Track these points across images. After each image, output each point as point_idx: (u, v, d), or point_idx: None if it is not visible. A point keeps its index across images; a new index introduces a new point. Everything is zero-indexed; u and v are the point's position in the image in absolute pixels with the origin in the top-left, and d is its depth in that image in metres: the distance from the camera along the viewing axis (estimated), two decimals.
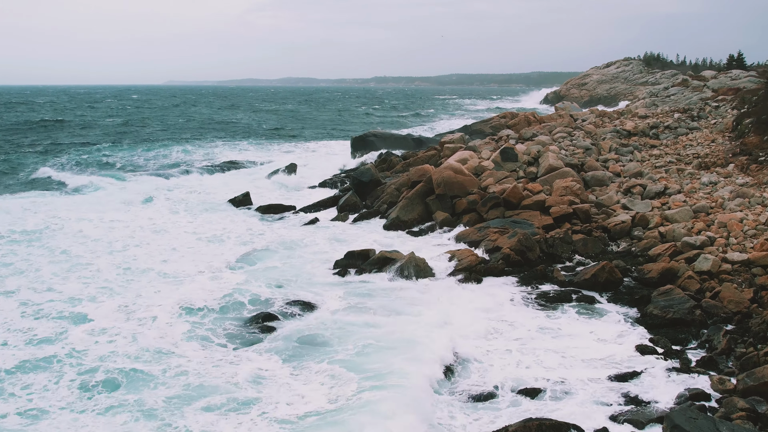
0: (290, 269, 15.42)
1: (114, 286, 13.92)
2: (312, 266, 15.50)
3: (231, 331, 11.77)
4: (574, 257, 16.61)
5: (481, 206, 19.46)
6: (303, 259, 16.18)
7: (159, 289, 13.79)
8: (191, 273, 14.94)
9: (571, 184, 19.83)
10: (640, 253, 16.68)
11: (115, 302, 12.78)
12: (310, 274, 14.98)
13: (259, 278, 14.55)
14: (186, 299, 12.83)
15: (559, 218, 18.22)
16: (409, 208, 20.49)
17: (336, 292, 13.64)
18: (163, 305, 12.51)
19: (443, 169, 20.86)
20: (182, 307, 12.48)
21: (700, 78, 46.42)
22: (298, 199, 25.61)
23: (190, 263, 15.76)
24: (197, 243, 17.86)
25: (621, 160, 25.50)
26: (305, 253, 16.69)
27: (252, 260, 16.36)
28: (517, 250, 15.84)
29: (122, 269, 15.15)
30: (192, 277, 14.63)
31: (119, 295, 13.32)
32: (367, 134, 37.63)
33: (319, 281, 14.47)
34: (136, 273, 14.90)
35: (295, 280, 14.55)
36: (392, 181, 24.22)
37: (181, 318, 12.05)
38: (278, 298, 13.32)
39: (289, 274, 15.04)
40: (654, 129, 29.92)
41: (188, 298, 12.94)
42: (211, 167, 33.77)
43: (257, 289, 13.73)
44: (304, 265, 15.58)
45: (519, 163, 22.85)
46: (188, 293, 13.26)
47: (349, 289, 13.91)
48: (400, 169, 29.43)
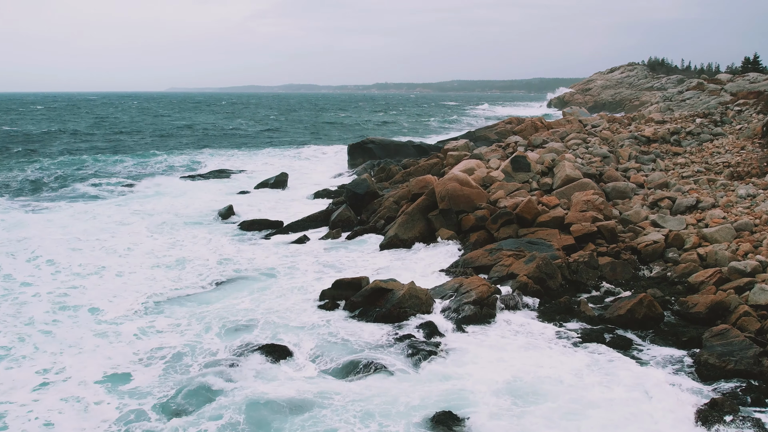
0: (262, 304, 12.82)
1: (34, 335, 11.24)
2: (291, 299, 13.03)
3: (165, 398, 9.17)
4: (601, 285, 14.22)
5: (491, 223, 17.09)
6: (281, 289, 13.68)
7: (86, 346, 10.94)
8: (128, 314, 12.39)
9: (592, 197, 17.47)
10: (678, 280, 14.30)
11: (28, 367, 10.09)
12: (287, 311, 12.38)
13: (216, 319, 11.94)
14: (114, 362, 10.29)
15: (582, 238, 15.85)
16: (409, 224, 18.13)
17: (314, 339, 11.13)
18: (87, 370, 9.95)
19: (447, 181, 18.51)
20: (106, 376, 9.85)
21: (716, 81, 44.12)
22: (288, 212, 23.29)
23: (132, 299, 13.18)
24: (153, 271, 15.15)
25: (643, 169, 23.15)
26: (286, 282, 14.22)
27: (212, 295, 13.63)
28: (536, 278, 13.46)
29: (53, 307, 12.51)
30: (129, 319, 12.06)
31: (39, 351, 10.66)
32: (365, 141, 35.32)
33: (297, 321, 11.88)
34: (69, 315, 12.29)
35: (265, 320, 11.94)
36: (390, 193, 21.87)
37: (111, 391, 9.39)
38: (236, 346, 10.77)
39: (259, 310, 12.43)
40: (675, 135, 27.57)
41: (117, 359, 10.40)
42: (197, 176, 31.45)
43: (208, 340, 11.09)
44: (281, 299, 13.05)
45: (532, 173, 20.49)
46: (119, 351, 10.71)
47: (333, 331, 11.46)
48: (400, 179, 27.11)
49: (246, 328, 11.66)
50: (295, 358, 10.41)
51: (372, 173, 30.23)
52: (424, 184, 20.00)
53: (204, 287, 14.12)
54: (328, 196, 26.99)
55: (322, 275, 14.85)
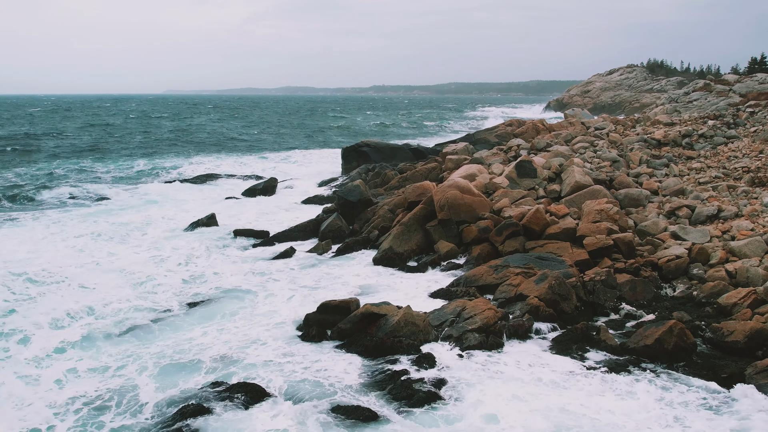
0: (225, 334, 10.95)
1: None
2: (265, 327, 11.30)
3: None
4: (620, 306, 12.65)
5: (495, 235, 15.53)
6: (256, 314, 11.93)
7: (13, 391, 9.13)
8: (64, 345, 10.61)
9: (606, 206, 15.92)
10: (706, 300, 12.76)
11: None
12: (256, 344, 10.55)
13: (160, 357, 10.03)
14: (33, 417, 8.44)
15: (596, 252, 14.29)
16: (405, 236, 16.55)
17: (285, 380, 9.32)
18: None
19: (447, 188, 16.94)
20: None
21: (723, 82, 42.67)
22: (276, 220, 21.72)
23: (76, 326, 11.39)
24: (114, 292, 13.12)
25: (656, 175, 21.63)
26: (263, 305, 12.54)
27: (171, 322, 11.66)
28: (549, 300, 11.89)
29: None
30: (57, 356, 10.28)
31: None
32: (360, 144, 33.76)
33: (267, 356, 10.05)
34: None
35: (225, 356, 10.04)
36: (385, 201, 20.29)
37: None
38: (174, 395, 8.87)
39: (218, 343, 10.48)
40: (687, 138, 26.07)
41: (28, 414, 8.55)
42: (183, 181, 29.83)
43: (143, 385, 9.14)
44: (253, 326, 11.27)
45: (538, 179, 18.94)
46: (34, 401, 8.88)
47: (313, 367, 9.77)
48: (396, 184, 25.56)
49: (195, 368, 9.77)
50: (253, 413, 8.43)
51: (366, 178, 28.68)
52: (421, 192, 18.44)
53: (166, 311, 12.33)
54: (320, 202, 25.44)
55: (307, 296, 13.22)
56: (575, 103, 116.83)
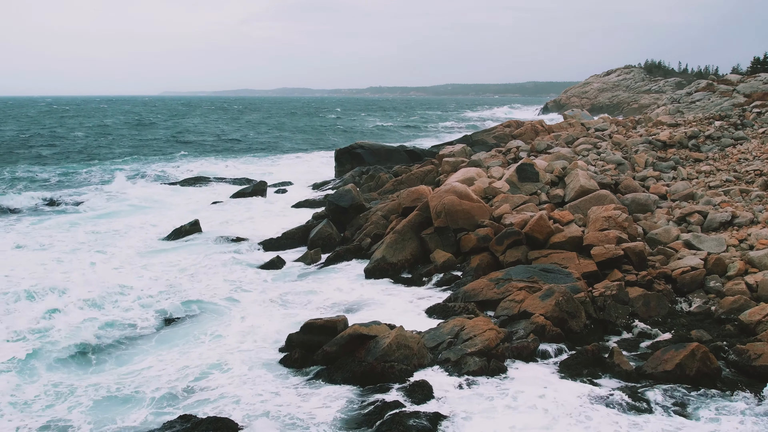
0: (194, 362, 9.73)
1: None
2: (244, 350, 10.24)
3: None
4: (633, 324, 11.59)
5: (495, 244, 14.45)
6: (231, 336, 10.79)
7: None
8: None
9: (614, 213, 14.86)
10: (726, 317, 11.71)
11: None
12: (232, 370, 9.39)
13: (95, 398, 8.61)
14: None
15: (605, 263, 13.22)
16: (399, 245, 15.46)
17: (261, 422, 8.04)
18: None
19: (444, 194, 15.87)
20: None
21: (726, 82, 41.74)
22: (264, 226, 20.61)
23: (17, 348, 9.99)
24: (77, 312, 11.68)
25: (663, 178, 20.61)
26: (239, 324, 11.36)
27: (134, 347, 10.44)
28: (556, 319, 10.82)
29: None
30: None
31: None
32: (353, 146, 32.67)
33: (244, 386, 8.89)
34: None
35: (194, 386, 8.87)
36: (379, 206, 19.21)
37: None
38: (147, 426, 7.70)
39: (183, 373, 9.23)
40: (693, 139, 25.05)
41: None
42: (170, 184, 28.69)
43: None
44: (226, 352, 10.14)
45: (540, 183, 17.88)
46: None
47: (294, 403, 8.62)
48: (391, 188, 24.47)
49: (150, 400, 8.42)
50: None
51: (360, 181, 27.60)
52: (416, 197, 17.38)
53: (131, 329, 11.18)
54: (311, 206, 24.34)
55: (291, 312, 12.12)
56: (573, 104, 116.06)
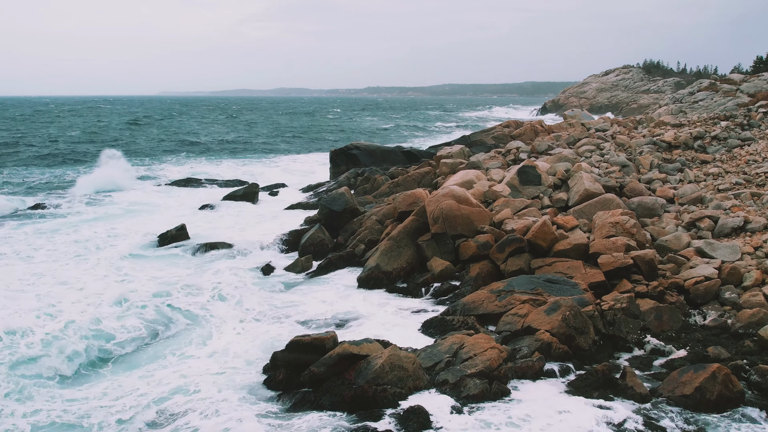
0: (163, 386, 8.79)
1: None
2: (222, 371, 9.40)
3: None
4: (645, 339, 10.78)
5: (496, 252, 13.63)
6: (208, 356, 9.94)
7: None
8: None
9: (621, 218, 14.04)
10: (744, 331, 10.91)
11: None
12: (205, 396, 8.50)
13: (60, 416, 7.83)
14: None
15: (613, 273, 12.40)
16: (394, 252, 14.63)
17: None
18: None
19: (442, 197, 15.04)
20: None
21: (729, 81, 41.03)
22: (255, 230, 19.76)
23: None
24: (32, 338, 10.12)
25: (669, 181, 19.82)
26: (219, 341, 10.53)
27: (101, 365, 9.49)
28: (563, 336, 10.00)
29: None
30: None
31: None
32: (349, 147, 31.82)
33: (220, 415, 7.97)
34: None
35: (155, 423, 7.98)
36: (374, 210, 18.39)
37: None
38: None
39: (146, 406, 8.30)
40: (699, 140, 24.26)
41: None
42: (160, 186, 27.82)
43: None
44: (203, 373, 9.29)
45: (543, 186, 17.07)
46: None
47: None
48: (387, 191, 23.66)
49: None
50: None
51: (355, 183, 26.78)
52: (413, 201, 16.55)
53: (105, 344, 10.35)
54: (304, 209, 23.50)
55: (277, 327, 11.29)
56: (571, 104, 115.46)
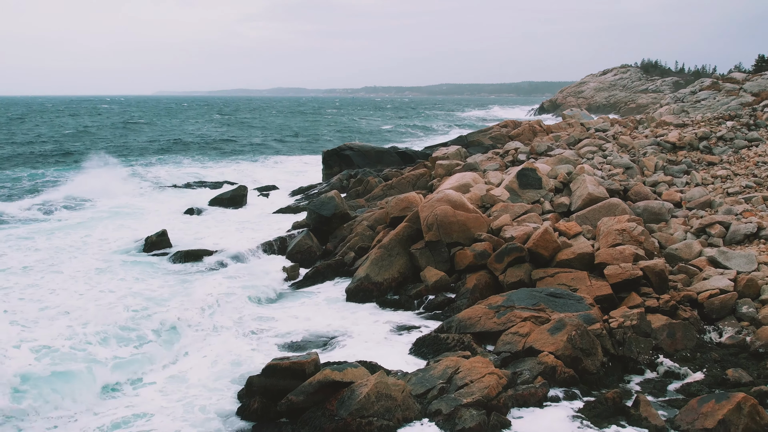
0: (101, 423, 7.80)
1: None
2: (195, 398, 8.40)
3: None
4: (657, 360, 9.85)
5: (494, 261, 12.69)
6: (181, 380, 9.00)
7: None
8: None
9: (627, 225, 13.12)
10: (765, 351, 10.00)
11: None
12: None
13: None
14: None
15: (621, 285, 11.47)
16: (386, 261, 13.68)
17: None
18: None
19: (437, 203, 14.10)
20: None
21: (731, 80, 40.20)
22: (241, 236, 18.82)
23: None
24: None
25: (675, 183, 18.92)
26: (189, 361, 9.58)
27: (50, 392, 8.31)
28: (568, 358, 9.07)
29: None
30: None
31: None
32: (342, 147, 30.88)
33: None
34: None
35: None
36: (365, 215, 17.44)
37: None
38: None
39: None
40: (704, 141, 23.37)
41: None
42: (147, 189, 26.81)
43: None
44: (173, 401, 8.36)
45: (543, 190, 16.13)
46: None
47: None
48: (380, 194, 22.73)
49: None
50: None
51: (347, 186, 25.83)
52: (406, 205, 15.62)
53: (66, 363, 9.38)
54: (294, 213, 22.55)
55: (255, 346, 10.33)
56: (569, 104, 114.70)
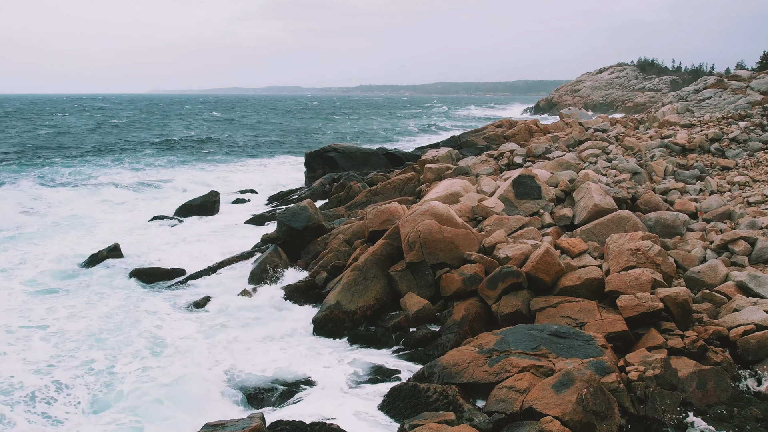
0: None
1: None
2: None
3: None
4: (687, 420, 7.95)
5: (486, 288, 10.77)
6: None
7: None
8: None
9: (642, 244, 11.22)
10: None
11: None
12: None
13: None
14: None
15: (638, 320, 9.56)
16: (360, 286, 11.73)
17: None
18: None
19: (420, 217, 12.16)
20: None
21: (737, 78, 38.44)
22: (208, 249, 16.90)
23: None
24: None
25: (688, 191, 17.04)
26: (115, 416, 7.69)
27: None
28: (578, 424, 7.15)
29: None
30: None
31: None
32: (326, 149, 28.94)
33: None
34: None
35: None
36: (342, 227, 15.49)
37: None
38: None
39: None
40: (716, 142, 21.52)
41: None
42: (105, 193, 24.73)
43: None
44: None
45: (543, 200, 14.21)
46: None
47: None
48: (363, 200, 20.81)
49: None
50: None
51: (329, 191, 23.90)
52: (386, 218, 13.69)
53: None
54: (271, 220, 20.59)
55: None
56: (565, 103, 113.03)
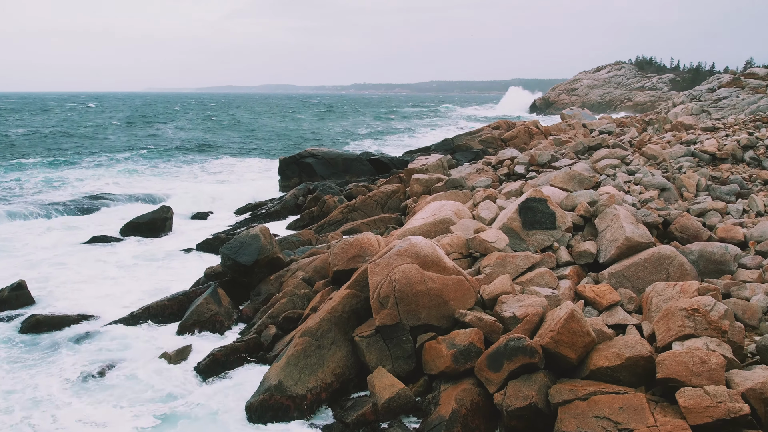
0: None
1: None
2: None
3: None
4: None
5: (487, 368, 7.64)
6: None
7: None
8: None
9: (701, 303, 8.08)
10: None
11: None
12: None
13: None
14: None
15: (710, 428, 6.46)
16: (312, 358, 8.56)
17: None
18: None
19: (396, 259, 8.99)
20: None
21: (753, 76, 35.54)
22: (138, 285, 13.78)
23: None
24: None
25: (730, 212, 13.95)
26: None
27: None
28: None
29: None
30: None
31: None
32: (303, 154, 25.76)
33: None
34: None
35: None
36: (302, 261, 12.33)
37: None
38: None
39: None
40: (749, 150, 18.49)
41: None
42: (31, 208, 21.46)
43: None
44: None
45: (558, 231, 11.07)
46: None
47: None
48: (339, 218, 17.71)
49: None
50: None
51: (302, 204, 20.76)
52: (355, 253, 10.55)
53: None
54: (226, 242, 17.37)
55: None
56: (562, 102, 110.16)
